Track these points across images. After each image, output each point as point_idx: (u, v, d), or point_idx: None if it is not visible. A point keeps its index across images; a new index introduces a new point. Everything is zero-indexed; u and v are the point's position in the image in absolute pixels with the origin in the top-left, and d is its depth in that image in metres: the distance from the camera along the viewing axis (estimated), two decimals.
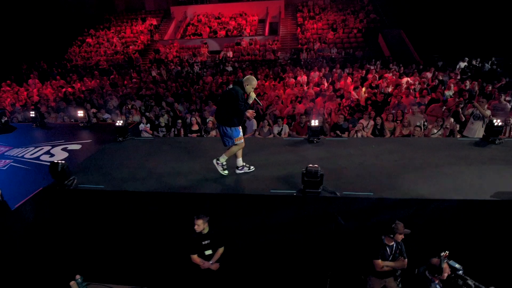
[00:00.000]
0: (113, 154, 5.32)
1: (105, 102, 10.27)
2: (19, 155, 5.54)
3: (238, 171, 4.51)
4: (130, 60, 18.85)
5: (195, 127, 7.96)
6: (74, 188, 4.32)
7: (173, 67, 17.70)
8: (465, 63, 15.48)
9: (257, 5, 23.47)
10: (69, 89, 12.59)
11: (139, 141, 5.88)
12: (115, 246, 4.61)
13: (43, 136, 6.41)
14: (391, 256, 3.71)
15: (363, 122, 8.02)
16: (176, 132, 7.96)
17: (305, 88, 11.49)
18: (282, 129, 7.83)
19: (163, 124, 8.12)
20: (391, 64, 15.06)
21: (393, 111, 8.27)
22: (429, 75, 13.17)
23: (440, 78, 12.28)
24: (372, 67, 14.53)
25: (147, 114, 8.89)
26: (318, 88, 11.31)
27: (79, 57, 19.78)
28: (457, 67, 15.08)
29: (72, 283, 4.82)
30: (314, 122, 5.38)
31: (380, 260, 3.68)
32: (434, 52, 17.77)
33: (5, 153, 5.67)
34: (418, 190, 3.89)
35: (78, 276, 4.81)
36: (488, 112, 7.14)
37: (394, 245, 3.70)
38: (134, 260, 4.64)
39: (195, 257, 4.01)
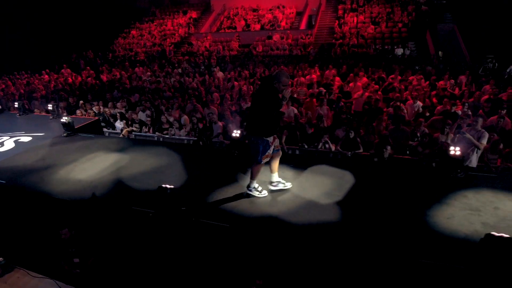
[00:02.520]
0: (44, 150, 5.58)
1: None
2: None
3: (271, 187, 3.98)
4: (163, 52, 19.65)
5: (166, 126, 7.98)
6: None
7: (201, 60, 18.05)
8: None
9: None
10: (89, 79, 13.62)
11: (80, 138, 6.08)
12: (25, 237, 4.84)
13: (13, 127, 6.99)
14: None
15: (340, 132, 7.19)
16: (147, 129, 8.09)
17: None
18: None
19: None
20: (423, 65, 13.26)
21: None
22: (463, 79, 11.30)
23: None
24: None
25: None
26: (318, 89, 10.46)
27: (121, 48, 21.25)
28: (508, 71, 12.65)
29: None
30: (235, 133, 4.95)
31: None
32: (491, 53, 15.19)
33: None
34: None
35: (1, 259, 5.21)
36: (482, 144, 5.61)
37: None
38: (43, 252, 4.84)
39: (63, 263, 4.03)
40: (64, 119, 6.10)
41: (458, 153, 4.06)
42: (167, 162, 4.86)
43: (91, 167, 4.83)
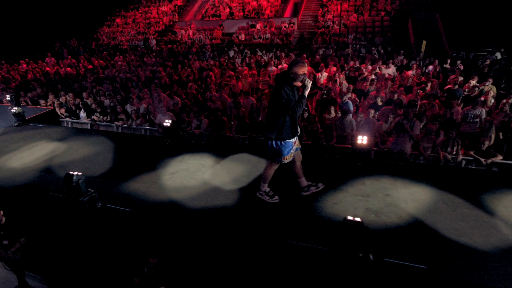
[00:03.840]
0: None
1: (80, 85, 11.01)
2: None
3: (258, 195, 3.69)
4: (145, 41, 19.63)
5: (121, 116, 8.17)
6: None
7: (183, 49, 18.09)
8: (494, 57, 12.94)
9: None
10: (68, 69, 13.73)
11: (29, 128, 6.30)
12: None
13: None
14: None
15: None
16: (106, 118, 8.29)
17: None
18: (200, 123, 7.61)
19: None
20: (395, 54, 13.30)
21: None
22: (431, 68, 11.39)
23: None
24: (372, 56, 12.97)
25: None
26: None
27: (105, 37, 21.23)
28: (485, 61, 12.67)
29: None
30: (166, 122, 5.14)
31: None
32: (469, 41, 15.24)
33: None
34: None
35: None
36: (415, 134, 5.85)
37: None
38: None
39: None
40: (15, 109, 6.29)
41: (364, 142, 4.26)
42: (100, 151, 5.09)
43: (28, 156, 5.05)
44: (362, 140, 4.27)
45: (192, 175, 4.27)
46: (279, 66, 12.44)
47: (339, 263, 2.85)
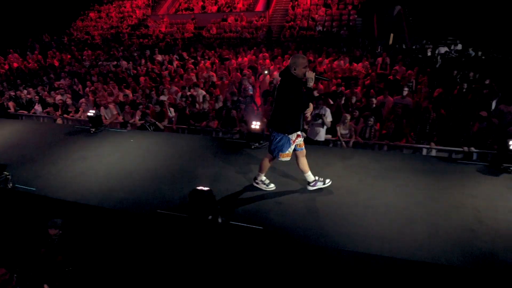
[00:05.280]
0: None
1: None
2: None
3: (310, 188, 3.88)
4: (117, 35, 19.83)
5: (71, 109, 8.59)
6: None
7: (151, 43, 18.35)
8: (446, 49, 13.55)
9: None
10: (35, 65, 13.99)
11: None
12: None
13: None
14: None
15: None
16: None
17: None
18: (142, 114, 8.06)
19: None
20: (352, 47, 13.83)
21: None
22: (380, 60, 11.95)
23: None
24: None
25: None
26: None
27: (79, 31, 21.35)
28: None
29: None
30: (91, 113, 5.61)
31: None
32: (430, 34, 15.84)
33: None
34: None
35: None
36: (328, 121, 6.36)
37: None
38: None
39: None
40: None
41: (257, 127, 4.78)
42: (28, 139, 5.53)
43: None
44: (255, 125, 4.80)
45: (102, 159, 4.75)
46: (239, 60, 12.90)
47: (193, 226, 3.39)
